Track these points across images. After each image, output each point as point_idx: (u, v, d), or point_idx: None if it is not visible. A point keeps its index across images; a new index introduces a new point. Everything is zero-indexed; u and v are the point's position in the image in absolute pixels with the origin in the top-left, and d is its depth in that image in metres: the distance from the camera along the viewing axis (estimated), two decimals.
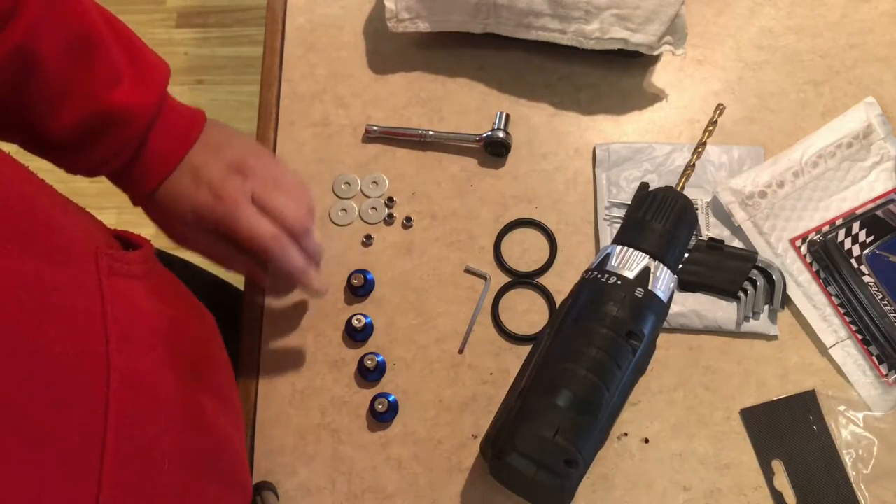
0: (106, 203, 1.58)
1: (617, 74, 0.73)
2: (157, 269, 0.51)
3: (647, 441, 0.61)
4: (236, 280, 0.77)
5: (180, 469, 0.43)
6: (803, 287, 0.64)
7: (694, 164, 0.63)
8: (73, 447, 0.36)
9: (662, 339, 0.63)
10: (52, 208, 0.41)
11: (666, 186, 0.61)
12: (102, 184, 0.57)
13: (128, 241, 0.51)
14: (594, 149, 0.70)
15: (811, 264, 0.65)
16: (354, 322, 0.63)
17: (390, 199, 0.69)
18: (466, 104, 0.73)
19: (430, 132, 0.70)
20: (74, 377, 0.37)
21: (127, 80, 0.51)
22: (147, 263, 0.48)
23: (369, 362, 0.62)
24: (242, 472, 0.54)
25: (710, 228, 0.67)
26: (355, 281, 0.65)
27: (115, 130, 0.52)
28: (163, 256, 0.74)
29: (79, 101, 0.50)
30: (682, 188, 0.62)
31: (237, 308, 0.67)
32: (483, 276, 0.66)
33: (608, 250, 0.58)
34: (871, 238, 0.64)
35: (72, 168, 0.54)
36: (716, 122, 0.64)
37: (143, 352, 0.43)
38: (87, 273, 0.41)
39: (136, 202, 0.57)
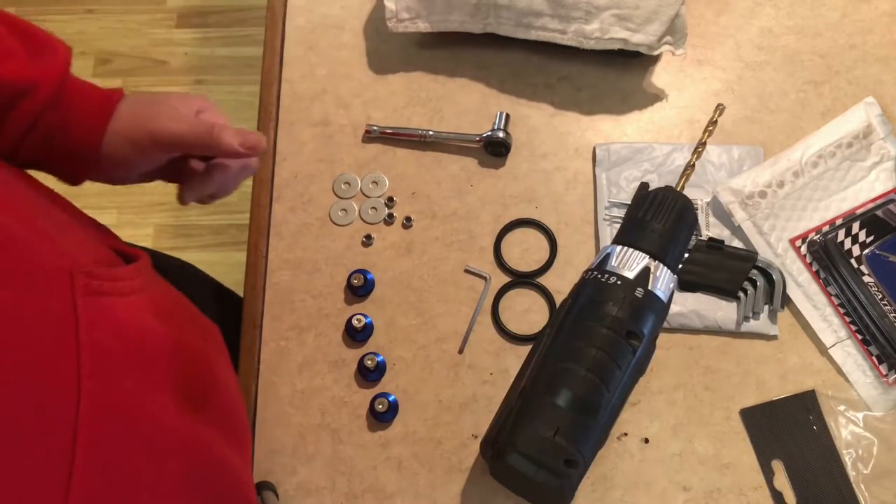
0: (106, 203, 1.59)
1: (617, 74, 0.73)
2: (153, 283, 0.50)
3: (647, 441, 0.61)
4: (236, 284, 0.77)
5: (165, 498, 0.41)
6: (803, 287, 0.64)
7: (694, 164, 0.64)
8: (36, 483, 0.34)
9: (662, 339, 0.63)
10: (16, 229, 0.39)
11: (666, 186, 0.61)
12: (103, 185, 0.57)
13: (125, 255, 0.50)
14: (594, 149, 0.70)
15: (811, 264, 0.65)
16: (354, 322, 0.63)
17: (390, 199, 0.69)
18: (466, 104, 0.73)
19: (430, 132, 0.70)
20: (38, 408, 0.35)
21: (17, 56, 0.50)
22: (139, 278, 0.46)
23: (369, 362, 0.62)
24: (244, 498, 0.52)
25: (710, 228, 0.67)
26: (355, 281, 0.65)
27: (18, 106, 0.50)
28: (164, 260, 0.74)
29: None
30: (682, 188, 0.62)
31: (238, 313, 0.67)
32: (483, 276, 0.66)
33: (608, 250, 0.59)
34: (871, 238, 0.64)
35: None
36: (716, 122, 0.64)
37: (124, 376, 0.41)
38: (59, 295, 0.39)
39: (91, 160, 0.55)
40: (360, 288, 0.65)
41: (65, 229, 0.47)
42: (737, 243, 0.66)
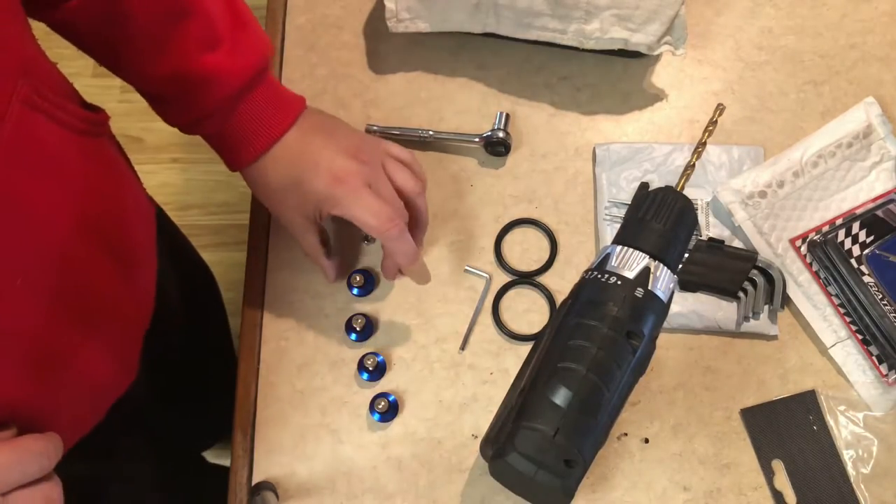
0: None
1: (617, 74, 0.73)
2: (98, 137, 0.52)
3: (647, 441, 0.61)
4: (236, 284, 0.77)
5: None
6: (803, 287, 0.64)
7: (694, 164, 0.63)
8: None
9: (662, 339, 0.63)
10: None
11: (666, 186, 0.61)
12: None
13: (89, 107, 0.52)
14: (594, 149, 0.70)
15: (811, 264, 0.65)
16: (354, 322, 0.63)
17: None
18: (466, 104, 0.73)
19: (430, 132, 0.70)
20: None
21: (224, 47, 0.53)
22: (84, 124, 0.48)
23: (369, 362, 0.62)
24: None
25: (710, 228, 0.67)
26: (355, 281, 0.65)
27: (204, 91, 0.54)
28: (169, 228, 0.75)
29: (172, 59, 0.53)
30: (682, 188, 0.62)
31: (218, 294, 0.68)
32: (483, 276, 0.66)
33: (608, 250, 0.58)
34: (871, 238, 0.64)
35: (169, 119, 0.57)
36: (716, 122, 0.64)
37: (34, 182, 0.43)
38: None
39: (232, 169, 0.59)
40: (360, 288, 0.65)
41: (29, 48, 0.47)
42: (737, 243, 0.66)
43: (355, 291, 0.66)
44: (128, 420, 0.59)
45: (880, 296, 0.62)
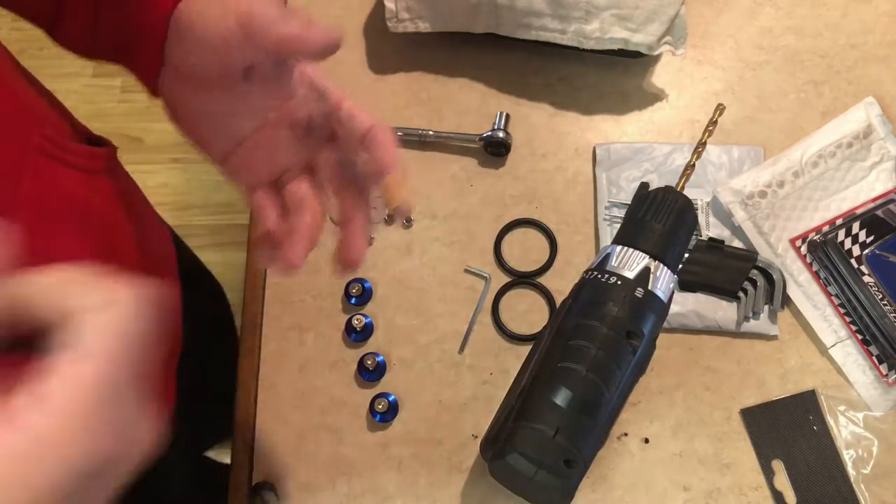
0: None
1: (617, 74, 0.73)
2: (115, 174, 0.51)
3: (647, 441, 0.61)
4: (236, 284, 0.77)
5: None
6: (803, 287, 0.64)
7: (694, 164, 0.63)
8: None
9: (662, 339, 0.62)
10: None
11: (666, 186, 0.61)
12: None
13: (92, 140, 0.51)
14: (594, 149, 0.70)
15: (811, 264, 0.65)
16: (354, 322, 0.63)
17: None
18: (466, 104, 0.73)
19: (430, 132, 0.70)
20: None
21: None
22: (96, 161, 0.48)
23: (369, 362, 0.62)
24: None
25: (710, 228, 0.67)
26: (354, 290, 0.64)
27: None
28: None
29: None
30: (682, 188, 0.62)
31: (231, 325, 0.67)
32: (483, 276, 0.66)
33: (608, 250, 0.58)
34: (871, 238, 0.64)
35: (69, 38, 0.47)
36: (716, 122, 0.64)
37: (57, 232, 0.42)
38: (12, 148, 0.40)
39: (154, 69, 0.44)
40: (357, 297, 0.65)
41: (35, 98, 0.47)
42: (737, 243, 0.66)
43: (353, 301, 0.65)
44: None
45: (880, 296, 0.62)
